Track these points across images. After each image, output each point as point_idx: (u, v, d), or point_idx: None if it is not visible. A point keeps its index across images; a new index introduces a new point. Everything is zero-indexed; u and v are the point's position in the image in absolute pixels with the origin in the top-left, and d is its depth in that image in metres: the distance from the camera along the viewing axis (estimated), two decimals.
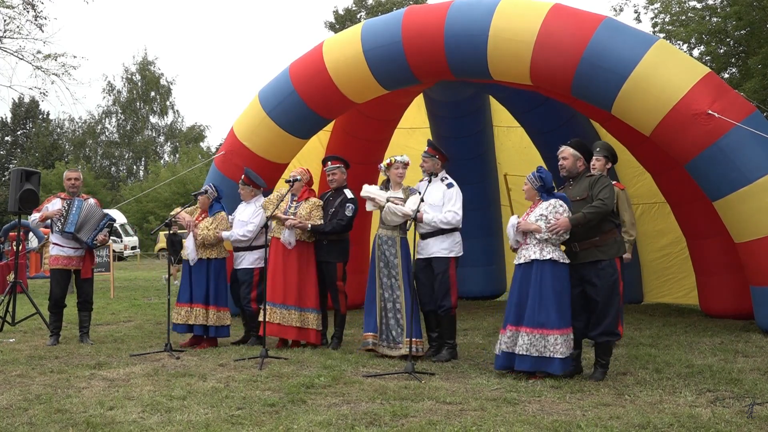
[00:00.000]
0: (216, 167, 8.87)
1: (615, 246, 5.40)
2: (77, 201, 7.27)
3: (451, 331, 6.27)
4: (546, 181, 5.51)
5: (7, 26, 17.47)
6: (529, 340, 5.19)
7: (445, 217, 6.18)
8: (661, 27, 20.70)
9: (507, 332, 5.36)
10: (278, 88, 8.52)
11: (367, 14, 37.83)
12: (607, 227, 5.37)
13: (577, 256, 5.38)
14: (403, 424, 4.06)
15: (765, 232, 6.80)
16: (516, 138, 11.06)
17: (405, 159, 6.56)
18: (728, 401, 4.49)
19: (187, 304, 6.92)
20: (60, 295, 7.26)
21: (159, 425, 4.08)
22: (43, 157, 45.43)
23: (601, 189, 5.35)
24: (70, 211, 7.16)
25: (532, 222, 5.37)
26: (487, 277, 11.29)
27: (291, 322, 6.67)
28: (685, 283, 9.56)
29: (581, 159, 5.59)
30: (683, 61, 7.12)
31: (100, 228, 7.25)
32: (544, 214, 5.35)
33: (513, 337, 5.31)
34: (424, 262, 6.29)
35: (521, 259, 5.42)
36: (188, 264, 7.02)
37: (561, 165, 5.61)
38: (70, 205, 7.20)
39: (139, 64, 50.14)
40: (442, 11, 7.60)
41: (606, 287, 5.28)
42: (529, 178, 5.60)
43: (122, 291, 14.45)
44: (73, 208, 7.18)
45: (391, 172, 6.51)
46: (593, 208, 5.26)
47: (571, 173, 5.61)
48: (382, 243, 6.39)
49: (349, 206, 6.80)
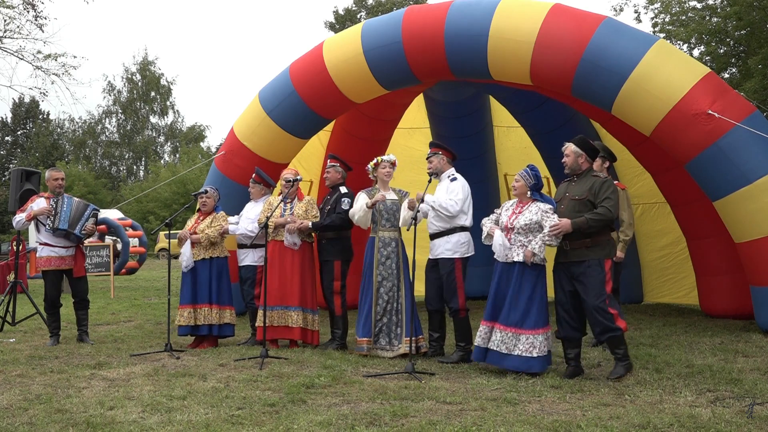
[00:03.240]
0: (216, 167, 8.87)
1: (606, 247, 5.36)
2: (66, 198, 7.23)
3: (461, 333, 6.17)
4: (539, 180, 5.58)
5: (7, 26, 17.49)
6: (500, 337, 5.37)
7: (445, 202, 6.10)
8: (661, 27, 20.69)
9: (483, 327, 5.55)
10: (278, 88, 8.52)
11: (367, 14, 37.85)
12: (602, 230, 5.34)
13: (568, 254, 5.38)
14: (403, 424, 4.06)
15: (765, 232, 6.80)
16: (516, 138, 11.06)
17: (392, 158, 6.62)
18: (728, 401, 4.49)
19: (191, 305, 6.91)
20: (55, 296, 7.25)
21: (159, 425, 4.08)
22: (44, 157, 45.42)
23: (605, 196, 5.28)
24: (61, 208, 7.12)
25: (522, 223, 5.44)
26: (486, 277, 11.21)
27: (293, 323, 6.68)
28: (685, 283, 9.56)
29: (583, 156, 5.55)
30: (683, 61, 7.12)
31: (86, 218, 7.22)
32: (533, 219, 5.41)
33: (487, 333, 5.49)
34: (432, 262, 6.32)
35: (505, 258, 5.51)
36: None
37: (563, 162, 5.61)
38: (58, 202, 7.16)
39: (140, 64, 50.17)
40: (442, 11, 7.60)
41: (592, 286, 5.25)
42: (522, 174, 5.61)
43: (122, 291, 14.45)
44: (63, 205, 7.15)
45: (379, 172, 6.55)
46: (597, 215, 5.22)
47: (573, 170, 5.57)
48: (385, 245, 6.42)
49: (344, 200, 6.82)
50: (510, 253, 5.47)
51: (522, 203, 5.60)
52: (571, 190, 5.51)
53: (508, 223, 5.53)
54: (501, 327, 5.40)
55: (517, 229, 5.46)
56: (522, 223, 5.44)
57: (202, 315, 6.88)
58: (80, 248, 7.34)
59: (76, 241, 7.25)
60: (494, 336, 5.42)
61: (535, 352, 5.30)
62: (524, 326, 5.34)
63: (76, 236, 7.18)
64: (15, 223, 7.26)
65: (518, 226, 5.46)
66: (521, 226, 5.45)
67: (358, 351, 6.34)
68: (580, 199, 5.39)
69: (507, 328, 5.37)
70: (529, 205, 5.55)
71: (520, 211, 5.56)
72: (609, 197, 5.28)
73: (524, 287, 5.40)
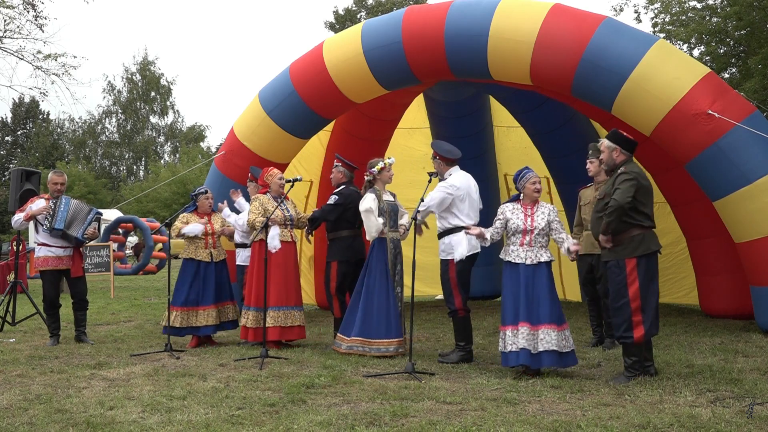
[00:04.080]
0: (216, 167, 8.87)
1: (630, 245, 5.18)
2: (64, 198, 7.22)
3: (460, 333, 6.13)
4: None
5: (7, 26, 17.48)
6: (555, 336, 5.28)
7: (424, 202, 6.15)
8: (662, 27, 20.68)
9: (521, 329, 5.32)
10: (278, 88, 8.52)
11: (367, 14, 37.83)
12: (622, 227, 5.20)
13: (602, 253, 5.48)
14: (403, 424, 4.06)
15: (765, 232, 6.80)
16: (516, 138, 11.06)
17: (393, 160, 6.78)
18: (728, 401, 4.49)
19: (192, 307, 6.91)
20: (54, 296, 7.26)
21: (159, 425, 4.08)
22: (44, 157, 45.41)
23: (615, 187, 5.19)
24: (58, 208, 7.11)
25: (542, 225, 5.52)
26: (486, 277, 11.27)
27: (293, 322, 6.69)
28: (685, 283, 9.56)
29: (617, 149, 5.36)
30: (683, 61, 7.11)
31: (88, 222, 7.21)
32: (548, 220, 5.54)
33: (530, 335, 5.30)
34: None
35: (527, 260, 5.45)
36: (189, 268, 7.02)
37: (600, 159, 5.59)
38: (57, 203, 7.15)
39: (140, 64, 50.17)
40: (442, 11, 7.59)
41: (613, 288, 5.23)
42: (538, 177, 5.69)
43: (122, 291, 14.45)
44: (61, 205, 7.13)
45: (384, 175, 6.62)
46: (608, 212, 5.15)
47: (609, 166, 5.45)
48: (395, 246, 6.50)
49: (332, 197, 6.93)
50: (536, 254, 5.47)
51: (531, 205, 5.64)
52: (599, 190, 5.50)
53: (526, 226, 5.51)
54: (547, 327, 5.30)
55: (538, 231, 5.50)
56: (543, 225, 5.51)
57: (204, 316, 6.91)
58: (78, 249, 7.34)
59: (77, 244, 7.25)
60: (544, 337, 5.28)
61: (568, 347, 5.38)
62: (561, 323, 5.39)
63: (77, 239, 7.18)
64: (14, 222, 7.25)
65: (539, 228, 5.50)
66: (542, 228, 5.51)
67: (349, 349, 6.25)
68: (600, 198, 5.37)
69: (550, 326, 5.31)
70: (538, 206, 5.63)
71: (532, 213, 5.59)
72: (618, 187, 5.16)
73: (551, 286, 5.46)
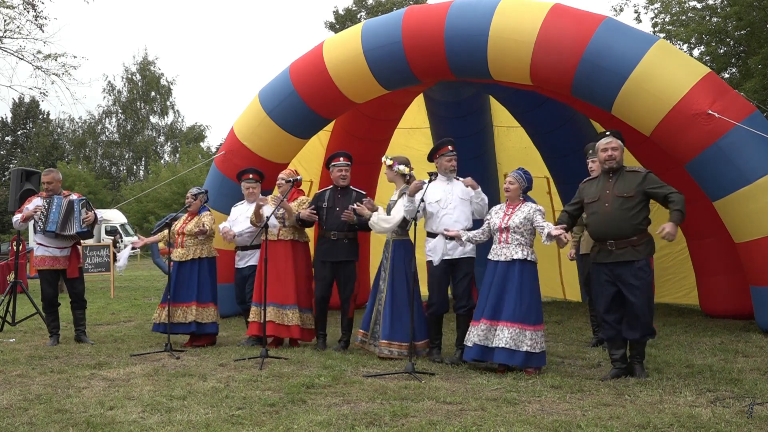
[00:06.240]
0: (216, 167, 8.88)
1: (649, 245, 5.30)
2: (57, 199, 7.15)
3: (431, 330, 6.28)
4: (530, 183, 5.75)
5: (7, 26, 17.50)
6: (509, 334, 5.37)
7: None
8: (661, 27, 20.69)
9: (480, 325, 5.53)
10: (278, 88, 8.52)
11: (367, 14, 37.83)
12: (643, 225, 5.26)
13: (611, 254, 5.28)
14: (403, 424, 4.06)
15: (765, 232, 6.80)
16: (516, 138, 11.06)
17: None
18: (728, 401, 4.48)
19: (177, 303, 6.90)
20: (52, 295, 7.26)
21: (159, 425, 4.08)
22: (44, 157, 45.38)
23: (660, 184, 5.26)
24: (50, 210, 7.08)
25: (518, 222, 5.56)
26: None
27: (289, 321, 6.68)
28: (685, 283, 9.56)
29: (624, 149, 5.57)
30: (683, 61, 7.12)
31: (77, 213, 7.12)
32: (528, 218, 5.58)
33: (488, 331, 5.48)
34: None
35: (501, 257, 5.57)
36: (177, 265, 7.01)
37: (611, 156, 5.40)
38: (49, 204, 7.12)
39: (140, 64, 50.16)
40: (442, 11, 7.60)
41: (643, 287, 5.22)
42: (516, 176, 5.71)
43: (122, 291, 14.45)
44: (53, 207, 7.10)
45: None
46: (679, 204, 5.13)
47: (619, 164, 5.45)
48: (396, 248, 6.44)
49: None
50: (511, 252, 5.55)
51: (513, 205, 5.71)
52: (612, 188, 5.34)
53: (502, 224, 5.63)
54: (508, 324, 5.41)
55: (513, 229, 5.57)
56: (518, 222, 5.57)
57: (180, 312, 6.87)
58: (76, 249, 7.32)
59: (82, 237, 7.24)
60: (500, 333, 5.41)
61: (538, 347, 5.40)
62: (529, 322, 5.41)
63: (79, 233, 7.16)
64: (13, 222, 7.31)
65: (514, 225, 5.57)
66: (517, 225, 5.56)
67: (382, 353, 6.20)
68: (629, 196, 5.26)
69: (514, 325, 5.39)
70: (520, 206, 5.68)
71: (512, 211, 5.66)
72: (660, 184, 5.28)
73: (526, 284, 5.48)
